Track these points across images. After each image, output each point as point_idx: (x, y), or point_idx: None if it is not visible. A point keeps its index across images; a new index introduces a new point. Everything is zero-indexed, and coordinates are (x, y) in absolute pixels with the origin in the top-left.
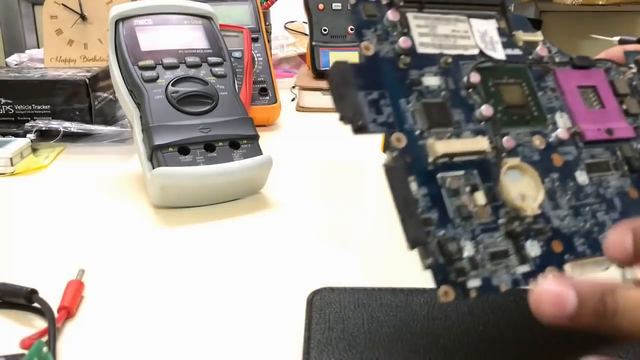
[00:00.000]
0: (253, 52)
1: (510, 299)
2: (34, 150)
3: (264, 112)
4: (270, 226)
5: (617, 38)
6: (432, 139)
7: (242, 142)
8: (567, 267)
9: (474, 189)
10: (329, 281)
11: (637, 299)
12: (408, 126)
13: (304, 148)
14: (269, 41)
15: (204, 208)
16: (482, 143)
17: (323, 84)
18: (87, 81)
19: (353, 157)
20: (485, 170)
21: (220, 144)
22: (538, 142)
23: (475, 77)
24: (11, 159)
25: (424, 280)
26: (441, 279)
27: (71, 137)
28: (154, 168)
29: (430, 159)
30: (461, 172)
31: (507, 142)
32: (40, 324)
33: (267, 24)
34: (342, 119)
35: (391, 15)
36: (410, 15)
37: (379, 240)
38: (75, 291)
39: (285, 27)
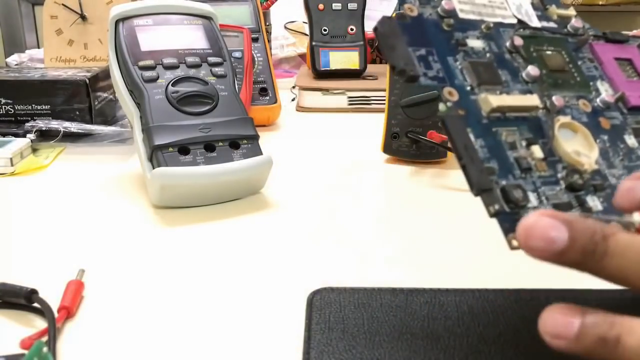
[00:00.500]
0: (253, 52)
1: (510, 299)
2: (34, 150)
3: (264, 112)
4: (270, 226)
5: None
6: (485, 94)
7: (242, 142)
8: (635, 217)
9: (531, 142)
10: (329, 281)
11: (627, 243)
12: (458, 82)
13: (304, 148)
14: (269, 41)
15: (204, 208)
16: (534, 100)
17: (323, 84)
18: (87, 81)
19: (353, 157)
20: (538, 127)
21: (220, 144)
22: (584, 105)
23: (518, 41)
24: (11, 159)
25: (424, 280)
26: (508, 226)
27: (71, 137)
28: (154, 168)
29: (485, 113)
30: (515, 127)
31: (557, 100)
32: (40, 324)
33: (267, 24)
34: (394, 68)
35: None
36: None
37: (379, 240)
38: (75, 291)
39: (285, 27)
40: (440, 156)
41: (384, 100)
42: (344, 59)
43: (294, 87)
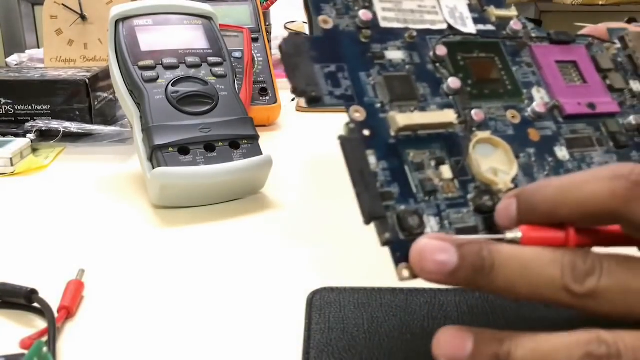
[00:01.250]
0: (253, 52)
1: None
2: (34, 150)
3: (264, 112)
4: (270, 226)
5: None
6: (394, 112)
7: (242, 142)
8: None
9: (440, 162)
10: (329, 281)
11: (510, 254)
12: (368, 99)
13: (304, 148)
14: (269, 41)
15: (204, 208)
16: (448, 116)
17: None
18: (87, 81)
19: None
20: (453, 144)
21: (220, 144)
22: (512, 116)
23: (441, 50)
24: (11, 159)
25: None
26: (400, 256)
27: (71, 137)
28: (154, 168)
29: (392, 132)
30: (426, 146)
31: (475, 115)
32: (40, 324)
33: (267, 24)
34: (294, 90)
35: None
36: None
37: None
38: (75, 291)
39: (285, 27)
40: None
41: None
42: None
43: None
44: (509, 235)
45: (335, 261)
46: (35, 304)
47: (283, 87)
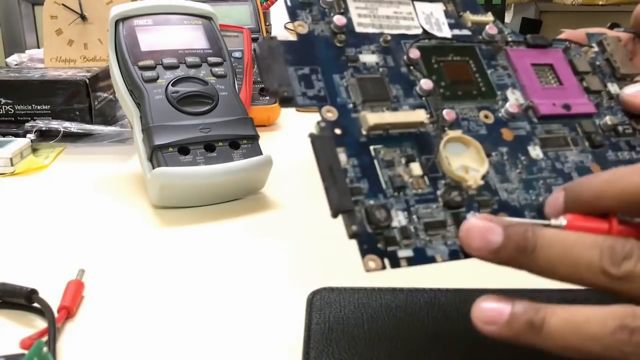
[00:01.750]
0: (253, 52)
1: None
2: (34, 150)
3: (264, 112)
4: (270, 226)
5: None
6: (365, 112)
7: (242, 142)
8: None
9: (410, 160)
10: (329, 281)
11: (554, 237)
12: (341, 100)
13: (304, 148)
14: None
15: (204, 208)
16: (419, 115)
17: None
18: (87, 81)
19: None
20: (424, 142)
21: (220, 144)
22: (484, 116)
23: (414, 54)
24: (11, 159)
25: (424, 280)
26: (367, 248)
27: (71, 137)
28: (154, 168)
29: (364, 131)
30: (397, 144)
31: (447, 114)
32: (40, 324)
33: (267, 24)
34: (266, 90)
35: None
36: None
37: None
38: (75, 291)
39: (285, 27)
40: None
41: None
42: None
43: None
44: (554, 222)
45: (335, 261)
46: (35, 304)
47: None
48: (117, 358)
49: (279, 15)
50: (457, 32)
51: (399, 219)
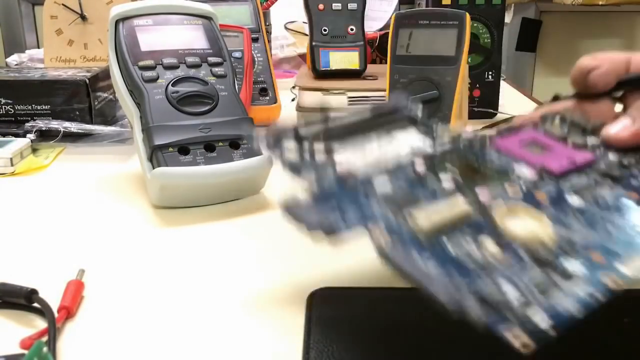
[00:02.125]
0: (253, 52)
1: None
2: (34, 150)
3: (264, 112)
4: (270, 226)
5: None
6: (412, 216)
7: (242, 142)
8: (624, 269)
9: (478, 241)
10: (329, 281)
11: None
12: (380, 215)
13: None
14: (269, 41)
15: (204, 208)
16: (461, 203)
17: (323, 84)
18: (87, 81)
19: None
20: (478, 224)
21: (220, 144)
22: (512, 190)
23: (420, 167)
24: (11, 159)
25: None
26: (504, 328)
27: (71, 137)
28: (154, 168)
29: (420, 233)
30: (457, 232)
31: (482, 195)
32: (40, 324)
33: (267, 24)
34: (311, 231)
35: (319, 157)
36: (335, 150)
37: None
38: (75, 291)
39: (285, 27)
40: None
41: (384, 100)
42: (344, 59)
43: (294, 87)
44: None
45: (335, 261)
46: (35, 304)
47: (283, 87)
48: (117, 358)
49: (279, 15)
50: (439, 148)
51: (507, 289)
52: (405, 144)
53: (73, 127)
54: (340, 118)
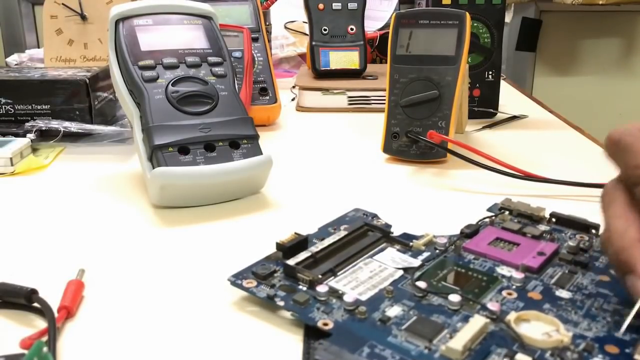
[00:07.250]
0: (253, 52)
1: None
2: (34, 150)
3: (264, 112)
4: (270, 226)
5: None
6: (443, 346)
7: (242, 142)
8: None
9: (508, 355)
10: None
11: None
12: (414, 351)
13: (304, 148)
14: (269, 41)
15: (204, 208)
16: (480, 320)
17: (323, 83)
18: (87, 81)
19: (353, 157)
20: (500, 337)
21: (220, 143)
22: (509, 294)
23: (422, 284)
24: (11, 159)
25: None
26: None
27: (71, 137)
28: (154, 168)
29: (458, 357)
30: (488, 348)
31: (492, 306)
32: (40, 324)
33: (267, 23)
34: None
35: (318, 288)
36: (333, 282)
37: None
38: (75, 291)
39: (285, 27)
40: (440, 156)
41: (384, 100)
42: (344, 58)
43: (294, 87)
44: None
45: None
46: (35, 304)
47: (283, 87)
48: (117, 358)
49: (279, 15)
50: (421, 257)
51: None
52: (389, 259)
53: (73, 127)
54: (321, 243)
